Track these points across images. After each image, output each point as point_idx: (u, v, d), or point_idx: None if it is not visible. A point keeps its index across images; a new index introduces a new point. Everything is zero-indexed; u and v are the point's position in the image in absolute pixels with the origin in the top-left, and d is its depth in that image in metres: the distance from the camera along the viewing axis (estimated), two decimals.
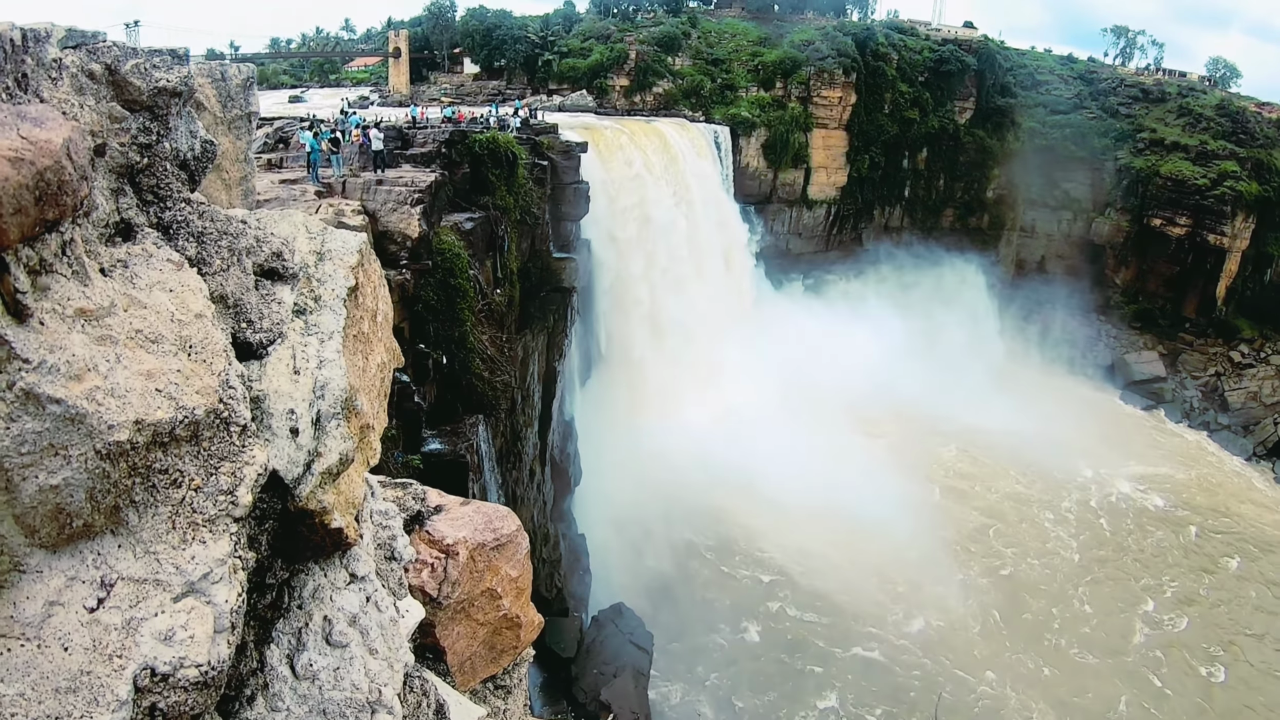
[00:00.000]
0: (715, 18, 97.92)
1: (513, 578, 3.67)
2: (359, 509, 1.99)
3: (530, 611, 3.89)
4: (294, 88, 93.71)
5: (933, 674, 43.39)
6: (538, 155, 47.26)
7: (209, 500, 1.57)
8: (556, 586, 40.62)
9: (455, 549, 3.45)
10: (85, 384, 1.47)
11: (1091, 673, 46.09)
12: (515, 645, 3.80)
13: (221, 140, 2.32)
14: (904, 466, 63.41)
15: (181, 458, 1.56)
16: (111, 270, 1.57)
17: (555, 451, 44.25)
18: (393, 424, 25.51)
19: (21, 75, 1.42)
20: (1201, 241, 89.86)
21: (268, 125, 46.21)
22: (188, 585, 1.54)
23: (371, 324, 2.09)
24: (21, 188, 1.37)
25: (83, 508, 1.49)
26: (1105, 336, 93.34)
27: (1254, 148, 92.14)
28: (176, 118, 1.73)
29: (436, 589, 3.38)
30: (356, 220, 27.76)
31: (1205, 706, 45.13)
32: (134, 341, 1.51)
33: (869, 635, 45.72)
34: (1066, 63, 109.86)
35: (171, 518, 1.55)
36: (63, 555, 1.51)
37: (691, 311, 63.78)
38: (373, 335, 2.08)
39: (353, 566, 2.01)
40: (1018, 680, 44.12)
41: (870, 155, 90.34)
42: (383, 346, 2.18)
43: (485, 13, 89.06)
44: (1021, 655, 46.19)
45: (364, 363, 1.96)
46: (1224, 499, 68.27)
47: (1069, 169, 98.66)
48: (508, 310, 38.03)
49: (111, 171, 1.65)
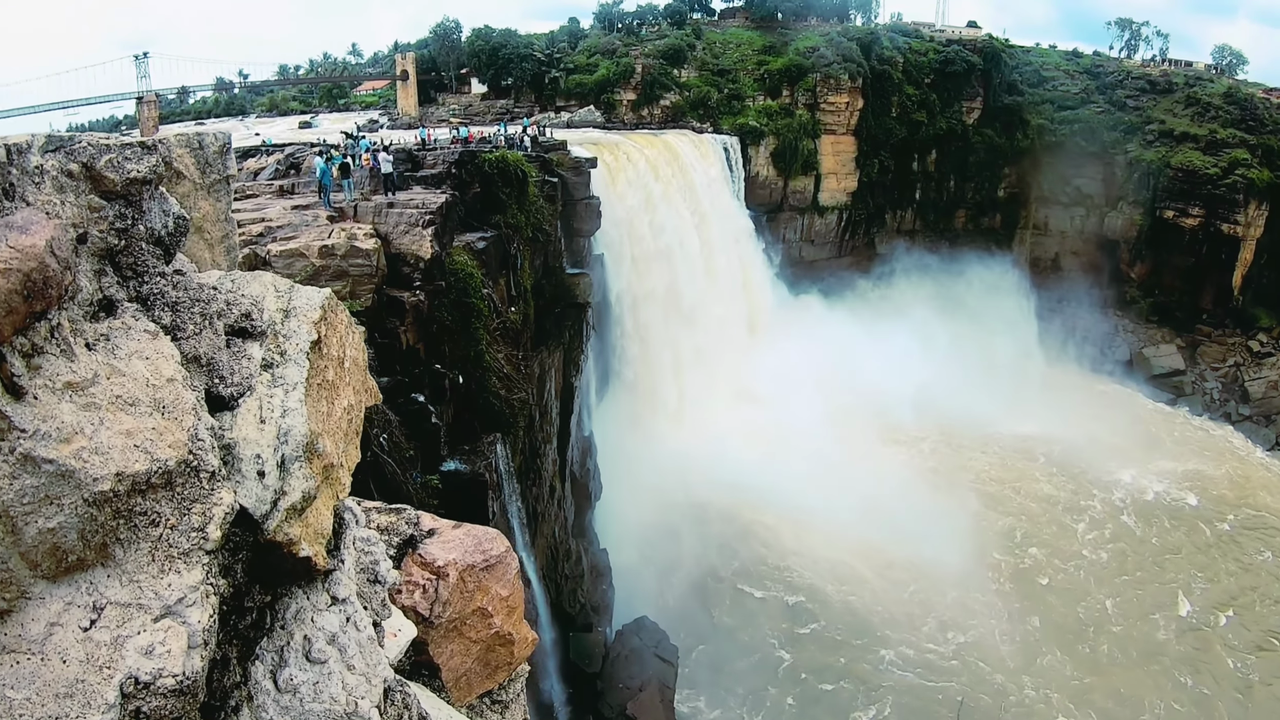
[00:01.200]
0: (719, 28, 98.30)
1: (503, 597, 3.86)
2: (328, 538, 2.22)
3: (523, 629, 4.08)
4: (303, 113, 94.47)
5: (970, 686, 43.05)
6: (547, 172, 47.50)
7: (183, 536, 1.87)
8: (580, 602, 40.71)
9: (446, 570, 3.65)
10: (74, 445, 1.78)
11: (1129, 677, 45.74)
12: (509, 662, 4.00)
13: (202, 204, 2.59)
14: (932, 474, 63.21)
15: (158, 501, 1.86)
16: (96, 344, 1.85)
17: (575, 467, 44.36)
18: (411, 445, 25.75)
19: (9, 185, 1.70)
20: (1215, 232, 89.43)
21: (279, 152, 46.81)
22: (165, 608, 1.85)
23: (338, 370, 2.31)
24: (11, 293, 1.61)
25: (76, 545, 1.80)
26: (1123, 332, 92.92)
27: (1264, 134, 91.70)
28: (149, 200, 2.01)
29: (429, 609, 3.58)
30: (369, 244, 28.00)
31: (1246, 705, 44.81)
32: (115, 405, 1.81)
33: (904, 647, 45.39)
34: (1072, 58, 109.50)
35: (151, 551, 1.87)
36: (61, 584, 1.83)
37: (708, 323, 63.95)
38: (339, 381, 2.31)
39: (334, 590, 2.26)
40: (1057, 689, 43.78)
41: (880, 159, 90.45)
42: (351, 389, 2.40)
43: (491, 32, 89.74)
44: (1058, 663, 45.87)
45: (329, 408, 2.20)
46: (1252, 492, 67.78)
47: (1079, 165, 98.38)
48: (523, 328, 38.22)
49: (94, 255, 1.92)
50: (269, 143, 53.90)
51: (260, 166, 44.06)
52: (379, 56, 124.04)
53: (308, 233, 27.46)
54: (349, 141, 47.81)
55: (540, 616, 35.34)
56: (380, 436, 22.65)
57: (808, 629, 46.26)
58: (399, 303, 28.63)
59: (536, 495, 37.29)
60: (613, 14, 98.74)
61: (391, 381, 25.91)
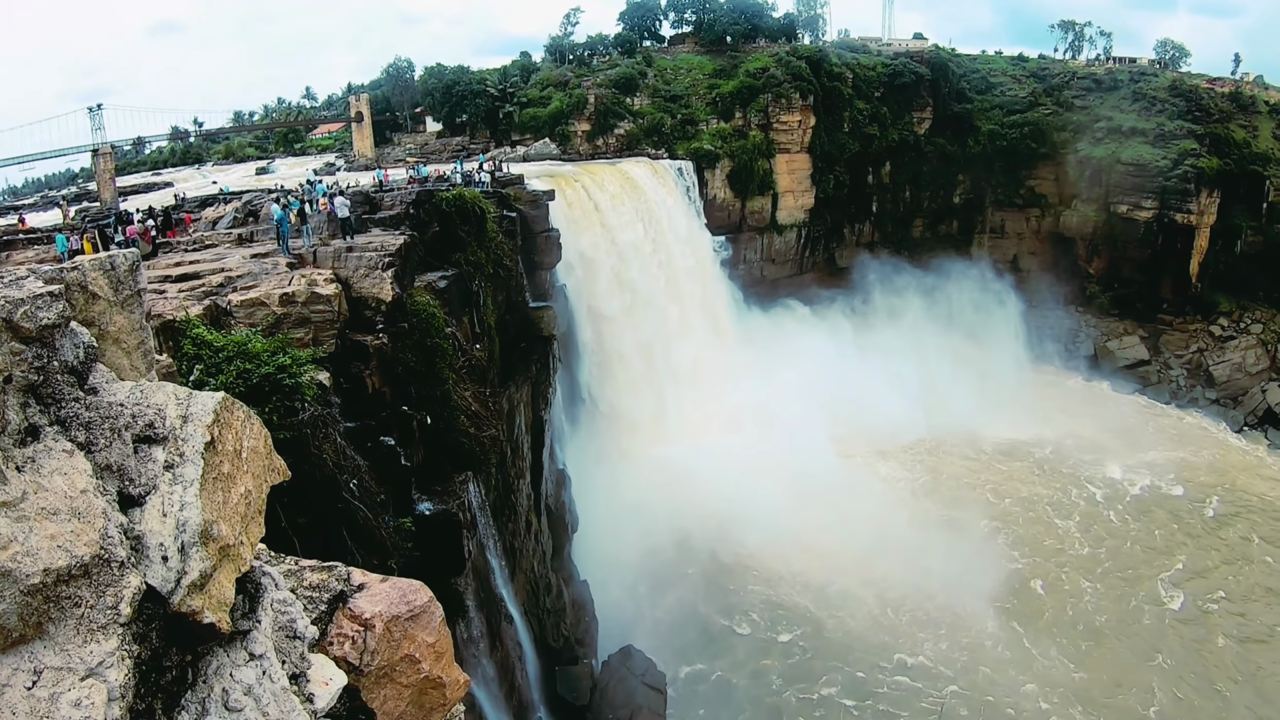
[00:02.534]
0: (669, 54, 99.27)
1: (430, 644, 4.22)
2: (231, 605, 2.61)
3: (454, 672, 4.42)
4: (260, 159, 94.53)
5: (968, 694, 43.34)
6: (506, 207, 47.84)
7: (100, 614, 2.31)
8: (564, 635, 40.69)
9: (373, 622, 4.01)
10: (10, 551, 2.22)
11: (1126, 667, 46.42)
12: (444, 703, 4.36)
13: (117, 319, 2.99)
14: (909, 484, 63.84)
15: (79, 587, 2.32)
16: (24, 466, 2.27)
17: (550, 501, 44.44)
18: (381, 489, 25.84)
19: None
20: (1170, 222, 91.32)
21: (236, 199, 46.72)
22: (89, 670, 2.30)
23: (234, 462, 2.70)
24: None
25: (17, 625, 2.23)
26: (1086, 327, 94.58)
27: (1210, 124, 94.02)
28: (61, 338, 2.43)
29: (358, 658, 3.94)
30: (329, 289, 27.98)
31: (1244, 691, 45.34)
32: (41, 515, 2.25)
33: (898, 660, 45.58)
34: (1018, 62, 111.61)
35: (76, 626, 2.35)
36: (9, 655, 2.26)
37: (676, 349, 64.31)
38: (235, 471, 2.70)
39: (251, 647, 2.65)
40: (1054, 689, 44.19)
41: (835, 175, 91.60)
42: (250, 475, 2.79)
43: (443, 70, 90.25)
44: (1052, 661, 46.30)
45: (225, 497, 2.61)
46: (1233, 476, 69.26)
47: (1032, 166, 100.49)
48: (489, 364, 38.38)
49: (19, 391, 2.34)
50: (226, 190, 53.95)
51: (218, 215, 44.02)
52: (333, 99, 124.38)
53: (268, 281, 27.40)
54: (305, 186, 47.93)
55: (524, 652, 35.40)
56: (350, 483, 22.76)
57: (797, 647, 46.38)
58: (362, 347, 28.64)
59: (513, 531, 37.35)
60: (563, 46, 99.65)
61: (358, 426, 26.00)
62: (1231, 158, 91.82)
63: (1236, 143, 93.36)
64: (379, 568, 22.17)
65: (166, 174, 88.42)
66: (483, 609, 31.35)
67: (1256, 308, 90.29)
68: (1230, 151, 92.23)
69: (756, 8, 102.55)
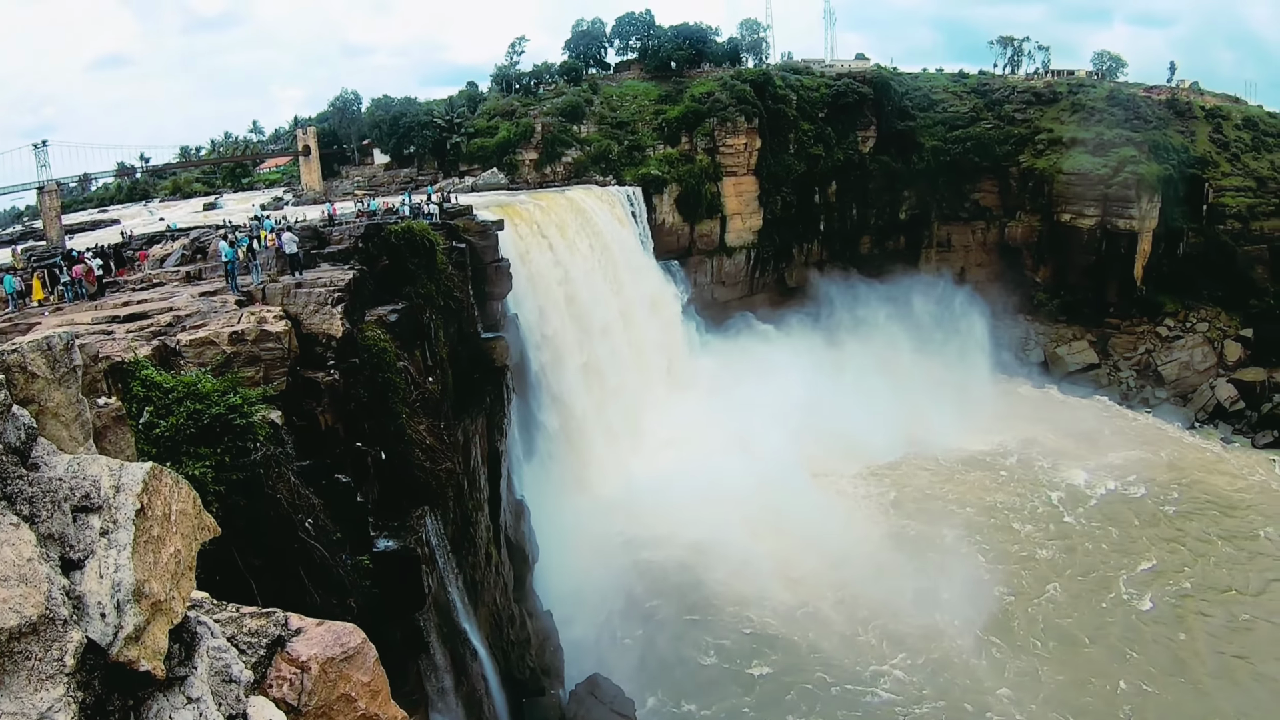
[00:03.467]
0: (615, 81, 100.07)
1: (365, 683, 4.49)
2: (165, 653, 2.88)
3: (390, 709, 4.68)
4: (207, 195, 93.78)
5: (941, 705, 43.63)
6: (455, 238, 47.92)
7: (47, 665, 2.62)
8: (529, 667, 40.35)
9: (309, 664, 4.27)
10: None
11: (1097, 668, 47.05)
12: None
13: (55, 395, 3.27)
14: (874, 500, 64.23)
15: (29, 643, 2.63)
16: None
17: (509, 532, 44.32)
18: (338, 527, 25.74)
19: None
20: (1112, 228, 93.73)
21: (184, 236, 46.33)
22: (40, 714, 2.61)
23: (164, 525, 2.99)
24: None
25: None
26: (1035, 334, 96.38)
27: (1148, 130, 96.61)
28: (3, 422, 2.69)
29: (296, 698, 4.20)
30: (279, 326, 27.72)
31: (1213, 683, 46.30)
32: None
33: (870, 675, 45.64)
34: (959, 79, 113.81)
35: (28, 676, 2.66)
36: None
37: (629, 373, 64.52)
38: (165, 534, 2.99)
39: (188, 691, 2.94)
40: (1028, 694, 44.69)
41: (782, 196, 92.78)
42: (179, 536, 3.08)
43: (390, 102, 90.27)
44: (1024, 667, 46.86)
45: (155, 558, 2.90)
46: (1190, 473, 70.99)
47: (975, 180, 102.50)
48: (442, 397, 38.34)
49: None
50: (174, 227, 53.62)
51: (166, 252, 43.68)
52: (280, 132, 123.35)
53: (217, 319, 27.17)
54: (253, 222, 47.72)
55: (490, 685, 35.21)
56: (306, 522, 22.71)
57: (768, 671, 46.20)
58: (314, 383, 28.46)
59: (473, 564, 37.20)
60: (510, 75, 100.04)
61: (312, 464, 25.89)
62: (1170, 163, 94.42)
63: (1175, 148, 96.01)
64: (338, 607, 22.16)
65: (113, 211, 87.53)
66: (446, 644, 31.23)
67: (1201, 307, 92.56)
68: (1169, 157, 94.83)
69: (701, 33, 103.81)
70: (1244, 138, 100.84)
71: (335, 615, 21.48)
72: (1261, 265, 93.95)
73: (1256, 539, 60.64)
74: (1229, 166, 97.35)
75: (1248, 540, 60.59)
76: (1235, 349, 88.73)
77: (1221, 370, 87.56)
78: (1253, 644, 49.52)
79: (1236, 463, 74.30)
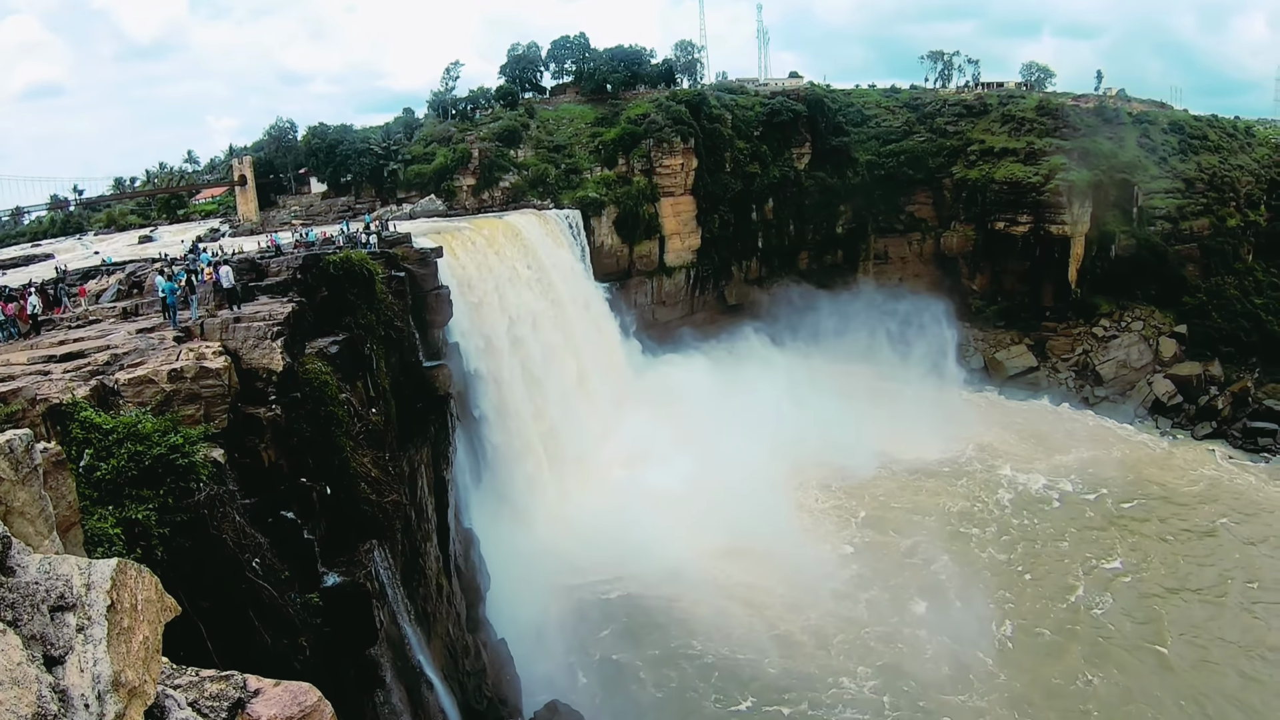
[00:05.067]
0: (551, 105, 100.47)
1: None
2: None
3: None
4: (143, 227, 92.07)
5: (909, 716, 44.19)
6: (394, 267, 47.52)
7: None
8: (486, 696, 40.03)
9: None
10: None
11: (1058, 664, 48.38)
12: None
13: (20, 494, 3.46)
14: (828, 515, 64.56)
15: None
16: None
17: (459, 561, 43.95)
18: (285, 565, 25.47)
19: None
20: (1045, 234, 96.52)
21: (120, 271, 45.34)
22: None
23: (132, 616, 3.19)
24: None
25: None
26: (974, 341, 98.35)
27: (1078, 138, 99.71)
28: None
29: None
30: (218, 362, 27.27)
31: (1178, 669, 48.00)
32: None
33: (832, 696, 45.71)
34: (891, 94, 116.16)
35: None
36: None
37: (574, 396, 64.50)
38: (134, 623, 3.20)
39: None
40: (989, 694, 45.50)
41: (720, 214, 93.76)
42: (146, 623, 3.29)
43: (326, 129, 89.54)
44: (985, 669, 47.65)
45: (127, 647, 3.11)
46: (1137, 468, 73.47)
47: (910, 192, 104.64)
48: (386, 428, 38.01)
49: None
50: (109, 261, 52.69)
51: (102, 288, 42.79)
52: (216, 162, 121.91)
53: (155, 357, 26.68)
54: (190, 256, 47.08)
55: (449, 718, 34.90)
56: (252, 561, 22.52)
57: (723, 687, 46.32)
58: (256, 419, 28.07)
59: (424, 596, 36.96)
60: (446, 101, 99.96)
61: (257, 501, 25.60)
62: (1100, 168, 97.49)
63: (1104, 154, 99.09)
64: (289, 647, 22.00)
65: (46, 245, 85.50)
66: (401, 678, 30.97)
67: (1135, 306, 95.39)
68: (1099, 163, 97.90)
69: (636, 55, 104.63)
70: (1171, 141, 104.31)
71: (287, 655, 21.37)
72: (1192, 263, 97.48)
73: (1215, 534, 63.08)
74: (1157, 170, 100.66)
75: (1206, 536, 62.99)
76: (1170, 345, 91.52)
77: (1158, 366, 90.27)
78: (1217, 634, 51.31)
79: (1183, 456, 76.91)
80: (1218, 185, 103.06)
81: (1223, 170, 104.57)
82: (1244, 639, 50.97)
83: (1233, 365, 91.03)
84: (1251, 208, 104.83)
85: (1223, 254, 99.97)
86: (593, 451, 64.68)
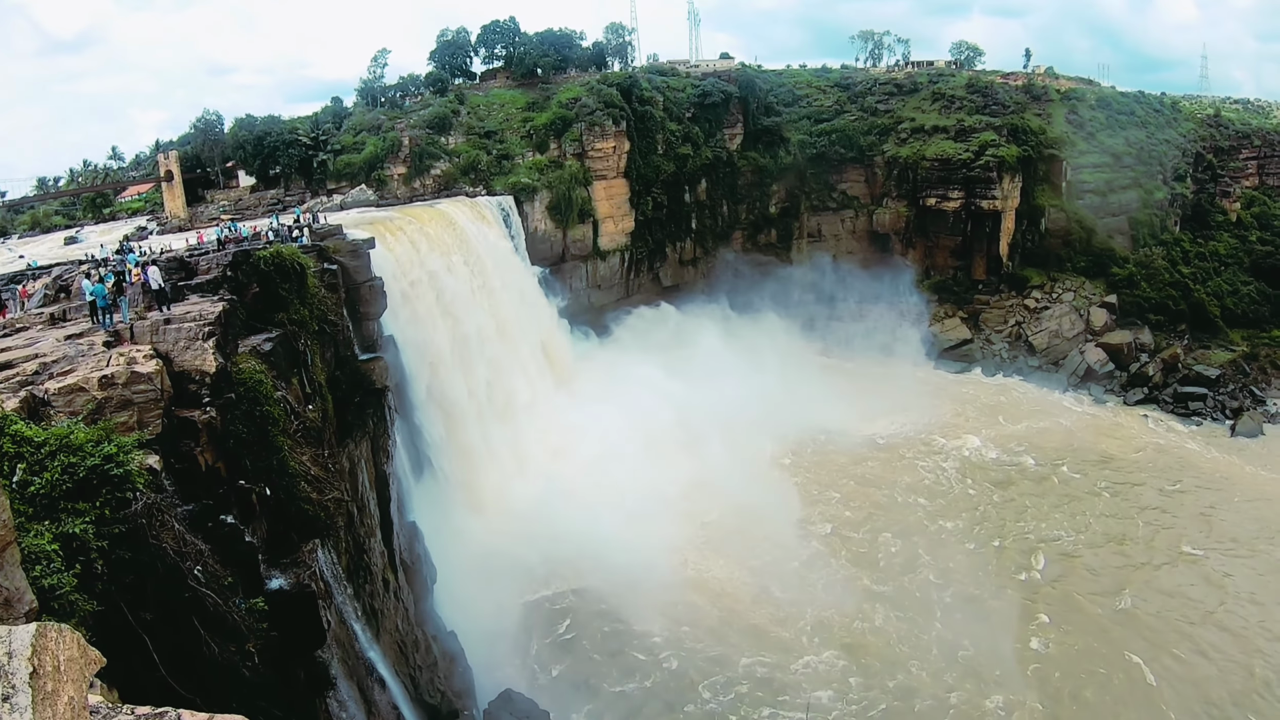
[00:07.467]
0: (482, 90, 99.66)
1: None
2: None
3: None
4: (68, 228, 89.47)
5: (863, 685, 44.85)
6: (326, 260, 46.87)
7: None
8: (439, 690, 39.89)
9: None
10: None
11: (1006, 633, 49.30)
12: None
13: None
14: (777, 493, 64.75)
15: None
16: None
17: (404, 555, 43.66)
18: (227, 570, 25.06)
19: None
20: (976, 209, 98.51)
21: (45, 275, 44.23)
22: None
23: (55, 678, 3.17)
24: None
25: None
26: (908, 316, 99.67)
27: (1007, 115, 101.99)
28: None
29: None
30: (150, 366, 26.71)
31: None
32: None
33: (790, 675, 46.15)
34: (822, 74, 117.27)
35: None
36: None
37: (511, 384, 64.22)
38: (58, 687, 3.18)
39: None
40: (940, 665, 46.45)
41: (653, 197, 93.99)
42: (70, 683, 3.28)
43: (253, 121, 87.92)
44: (935, 638, 48.63)
45: (53, 710, 3.09)
46: (1077, 435, 75.81)
47: (842, 171, 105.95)
48: (324, 424, 37.59)
49: None
50: (34, 265, 51.23)
51: (29, 292, 41.72)
52: (142, 158, 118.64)
53: (85, 364, 26.08)
54: (117, 257, 45.99)
55: (403, 714, 34.70)
56: (194, 569, 22.13)
57: (672, 667, 46.69)
58: (191, 423, 27.53)
59: (371, 592, 36.69)
60: (375, 89, 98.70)
61: (196, 507, 25.17)
62: (1029, 144, 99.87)
63: (1033, 130, 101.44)
64: (236, 654, 21.70)
65: None
66: (352, 677, 30.75)
67: (1066, 278, 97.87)
68: (1028, 139, 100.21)
69: (566, 39, 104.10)
70: (1098, 117, 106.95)
71: (235, 663, 21.09)
72: (1121, 235, 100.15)
73: (1172, 497, 65.46)
74: (1085, 145, 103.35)
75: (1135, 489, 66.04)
76: (1101, 315, 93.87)
77: (1089, 336, 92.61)
78: (1148, 589, 53.37)
79: (1117, 421, 79.67)
80: (1145, 159, 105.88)
81: (1149, 145, 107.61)
82: (1206, 598, 52.96)
83: (1162, 333, 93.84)
84: (1178, 180, 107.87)
85: (1150, 225, 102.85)
86: (532, 437, 64.47)
